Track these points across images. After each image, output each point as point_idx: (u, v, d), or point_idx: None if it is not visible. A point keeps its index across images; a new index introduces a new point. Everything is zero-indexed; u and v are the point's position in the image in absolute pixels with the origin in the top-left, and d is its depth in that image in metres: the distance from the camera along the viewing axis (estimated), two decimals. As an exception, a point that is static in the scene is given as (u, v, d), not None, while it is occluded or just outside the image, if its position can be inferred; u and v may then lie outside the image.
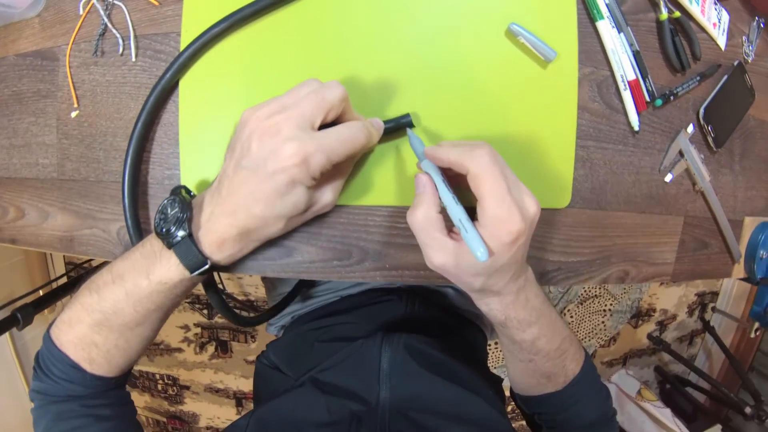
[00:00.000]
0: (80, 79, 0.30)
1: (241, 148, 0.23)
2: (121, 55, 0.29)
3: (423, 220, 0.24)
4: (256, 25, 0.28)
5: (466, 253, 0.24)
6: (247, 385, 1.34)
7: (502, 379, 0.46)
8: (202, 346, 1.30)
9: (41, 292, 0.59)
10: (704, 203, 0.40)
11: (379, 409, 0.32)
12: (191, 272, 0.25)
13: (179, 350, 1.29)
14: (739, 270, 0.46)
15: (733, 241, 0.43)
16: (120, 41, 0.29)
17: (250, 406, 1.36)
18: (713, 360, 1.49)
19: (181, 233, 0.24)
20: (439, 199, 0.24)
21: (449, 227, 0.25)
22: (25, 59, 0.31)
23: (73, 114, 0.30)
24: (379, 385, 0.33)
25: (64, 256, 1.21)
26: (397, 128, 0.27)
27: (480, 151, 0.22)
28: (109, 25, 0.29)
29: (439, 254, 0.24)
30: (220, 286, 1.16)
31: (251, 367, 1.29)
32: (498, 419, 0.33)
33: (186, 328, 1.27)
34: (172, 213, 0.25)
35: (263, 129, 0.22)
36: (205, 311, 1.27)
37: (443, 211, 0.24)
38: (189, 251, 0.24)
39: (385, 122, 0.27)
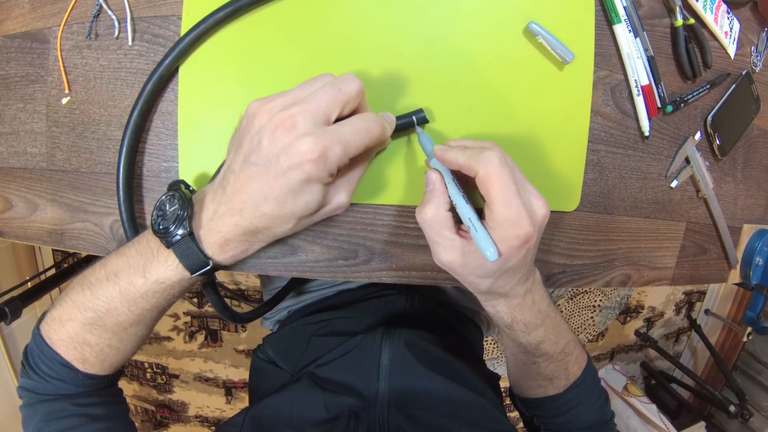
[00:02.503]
0: (72, 63, 0.28)
1: (250, 142, 0.21)
2: (117, 38, 0.27)
3: (432, 218, 0.24)
4: (264, 11, 0.26)
5: (474, 253, 0.23)
6: (236, 375, 1.33)
7: (499, 377, 0.46)
8: (191, 335, 1.28)
9: (30, 284, 0.56)
10: (706, 210, 0.40)
11: (377, 404, 0.31)
12: (192, 273, 0.23)
13: (168, 339, 1.28)
14: (735, 275, 0.46)
15: (731, 248, 0.43)
16: (116, 23, 0.27)
17: (240, 395, 1.35)
18: (698, 358, 1.53)
19: (181, 232, 0.22)
20: (449, 196, 0.24)
21: (458, 226, 0.24)
22: (13, 41, 0.29)
23: (64, 100, 0.28)
24: (378, 381, 0.33)
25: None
26: (410, 124, 0.26)
27: (489, 153, 0.22)
28: (104, 5, 0.27)
29: (447, 252, 0.24)
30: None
31: (241, 356, 1.30)
32: (497, 417, 0.33)
33: (175, 316, 1.25)
34: (171, 210, 0.23)
35: (276, 123, 0.20)
36: (195, 300, 1.24)
37: (452, 209, 0.24)
38: (190, 251, 0.23)
39: (398, 117, 0.26)
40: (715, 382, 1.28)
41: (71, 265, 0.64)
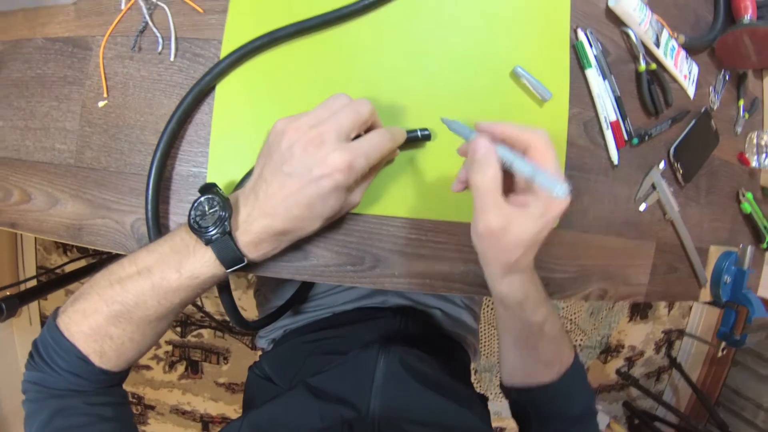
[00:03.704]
0: (113, 71, 0.38)
1: (282, 155, 0.30)
2: (160, 53, 0.37)
3: (491, 181, 0.29)
4: (295, 44, 0.38)
5: (517, 221, 0.30)
6: (215, 409, 1.43)
7: (487, 398, 0.57)
8: (171, 365, 1.39)
9: (8, 292, 0.62)
10: (674, 231, 0.55)
11: (369, 417, 0.39)
12: (227, 268, 0.32)
13: (147, 367, 1.38)
14: (705, 294, 0.61)
15: (700, 267, 0.58)
16: (160, 40, 0.37)
17: (217, 430, 1.43)
18: (680, 396, 1.77)
19: (220, 230, 0.30)
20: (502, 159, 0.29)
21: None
22: (54, 44, 0.38)
23: (101, 103, 0.38)
24: (371, 395, 0.41)
25: (36, 259, 1.27)
26: (416, 138, 0.37)
27: (541, 130, 0.30)
28: (150, 23, 0.37)
29: (497, 217, 0.30)
30: (199, 303, 1.26)
31: (221, 389, 1.41)
32: None
33: (156, 344, 1.32)
34: (211, 210, 0.31)
35: (308, 139, 0.30)
36: (179, 329, 1.35)
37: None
38: (227, 248, 0.30)
39: (408, 131, 0.37)
40: (699, 418, 1.48)
41: (52, 280, 0.71)
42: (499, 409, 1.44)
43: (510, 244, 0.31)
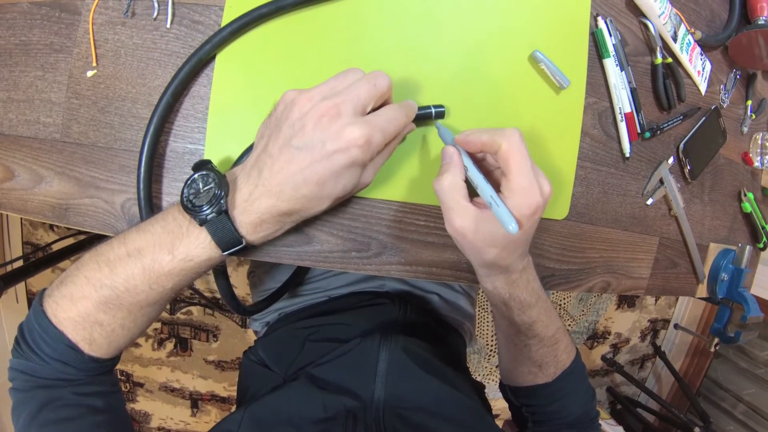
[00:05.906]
0: (103, 38, 0.34)
1: (291, 127, 0.27)
2: (155, 19, 0.33)
3: (449, 186, 0.30)
4: (303, 14, 0.34)
5: (485, 221, 0.30)
6: (204, 387, 1.41)
7: (484, 386, 0.56)
8: (160, 342, 1.36)
9: None
10: (677, 227, 0.53)
11: (373, 406, 0.37)
12: (224, 251, 0.28)
13: (136, 344, 1.36)
14: (702, 290, 0.60)
15: (699, 263, 0.56)
16: (155, 5, 0.33)
17: (206, 408, 1.44)
18: (662, 384, 1.81)
19: (216, 210, 0.27)
20: (467, 175, 0.30)
21: (471, 197, 0.31)
22: (40, 8, 0.34)
23: (90, 73, 0.34)
24: (375, 384, 0.39)
25: (22, 234, 1.21)
26: (429, 115, 0.34)
27: (511, 130, 0.29)
28: (145, -12, 0.33)
29: (461, 218, 0.30)
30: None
31: (210, 367, 1.39)
32: (488, 421, 0.39)
33: None
34: (205, 188, 0.28)
35: (321, 111, 0.26)
36: (168, 306, 1.29)
37: (466, 181, 0.30)
38: (224, 229, 0.27)
39: (421, 107, 0.33)
40: (680, 407, 1.51)
41: (41, 258, 0.67)
42: (487, 391, 1.44)
43: (480, 243, 0.31)
